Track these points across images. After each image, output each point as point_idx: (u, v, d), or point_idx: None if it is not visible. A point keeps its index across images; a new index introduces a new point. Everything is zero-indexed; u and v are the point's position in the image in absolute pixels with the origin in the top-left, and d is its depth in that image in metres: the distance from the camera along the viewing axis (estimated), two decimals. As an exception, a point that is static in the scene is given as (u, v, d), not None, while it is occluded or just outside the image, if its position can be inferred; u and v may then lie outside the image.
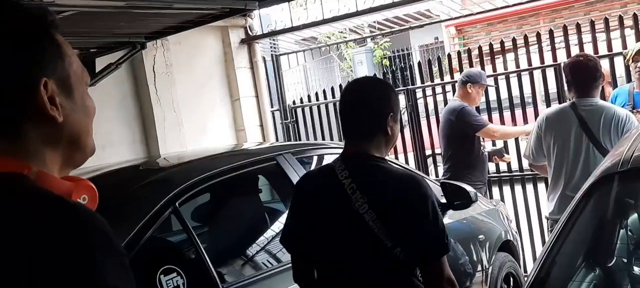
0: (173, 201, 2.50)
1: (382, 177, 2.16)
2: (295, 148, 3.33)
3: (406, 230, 2.06)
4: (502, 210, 4.59)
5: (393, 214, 2.07)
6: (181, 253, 2.65)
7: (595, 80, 3.69)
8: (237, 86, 6.00)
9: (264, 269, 2.67)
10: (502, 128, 5.13)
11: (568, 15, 10.58)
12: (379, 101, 2.20)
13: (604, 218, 2.20)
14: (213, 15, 4.43)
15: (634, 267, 2.55)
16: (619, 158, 2.04)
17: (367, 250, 2.11)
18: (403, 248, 2.06)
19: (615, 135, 3.50)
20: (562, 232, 2.00)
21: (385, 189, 2.12)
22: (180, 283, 2.36)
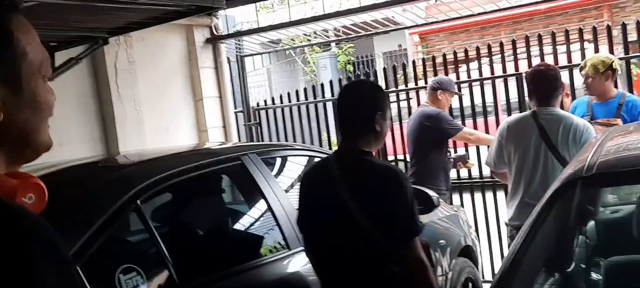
0: (134, 199, 2.43)
1: (366, 168, 2.43)
2: (260, 148, 3.29)
3: (382, 214, 2.31)
4: (462, 216, 4.63)
5: (372, 200, 2.34)
6: (141, 253, 2.58)
7: (555, 89, 3.76)
8: (201, 86, 5.92)
9: (225, 268, 2.62)
10: (476, 133, 5.19)
11: (528, 27, 10.82)
12: (368, 101, 2.48)
13: (566, 223, 2.24)
14: (179, 12, 4.35)
15: (590, 272, 2.61)
16: (583, 164, 2.08)
17: (350, 235, 2.37)
18: (381, 232, 2.30)
19: (573, 145, 3.57)
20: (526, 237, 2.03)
21: (367, 178, 2.40)
22: (139, 282, 2.30)
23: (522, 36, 5.71)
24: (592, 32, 5.39)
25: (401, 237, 2.32)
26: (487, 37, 11.51)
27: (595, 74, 4.31)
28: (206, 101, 5.93)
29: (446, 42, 12.96)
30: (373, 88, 2.82)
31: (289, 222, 2.92)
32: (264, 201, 2.94)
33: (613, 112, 4.35)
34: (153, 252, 2.46)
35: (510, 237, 4.00)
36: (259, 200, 2.99)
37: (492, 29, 12.33)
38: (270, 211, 2.92)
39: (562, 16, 11.53)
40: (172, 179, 2.68)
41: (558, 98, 3.80)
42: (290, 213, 2.99)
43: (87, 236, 2.18)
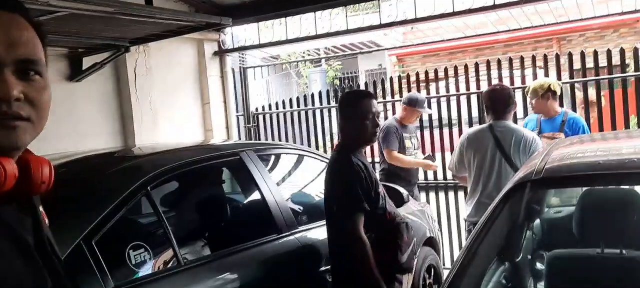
0: (145, 185, 2.39)
1: (334, 160, 2.70)
2: (256, 146, 3.25)
3: (334, 194, 2.63)
4: (428, 211, 4.62)
5: (330, 184, 2.66)
6: (150, 233, 2.53)
7: (508, 105, 3.76)
8: (208, 92, 5.87)
9: (223, 250, 2.58)
10: (400, 156, 4.89)
11: (490, 53, 10.85)
12: (355, 106, 2.71)
13: (515, 220, 2.23)
14: (191, 27, 4.31)
15: (538, 263, 2.61)
16: (533, 169, 2.07)
17: (328, 211, 2.71)
18: (335, 205, 2.62)
19: (523, 153, 3.57)
20: (481, 230, 2.01)
21: (331, 168, 2.70)
22: (146, 258, 2.25)
23: (484, 61, 5.72)
24: (543, 59, 5.42)
25: (343, 213, 2.57)
26: (453, 60, 11.54)
27: (535, 96, 4.33)
28: (212, 105, 5.88)
29: (420, 63, 12.97)
30: (361, 94, 3.10)
31: (278, 210, 2.89)
32: (258, 191, 2.90)
33: (557, 127, 4.36)
34: (160, 233, 2.42)
35: (467, 231, 4.00)
36: (254, 190, 2.96)
37: (459, 53, 12.37)
38: (263, 201, 2.88)
39: (519, 45, 11.59)
40: (179, 169, 2.64)
41: (510, 113, 3.81)
42: (281, 202, 2.96)
43: (101, 216, 2.13)
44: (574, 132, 4.28)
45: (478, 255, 2.01)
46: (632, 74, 5.08)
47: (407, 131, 4.99)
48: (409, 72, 8.61)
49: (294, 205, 3.14)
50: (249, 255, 2.63)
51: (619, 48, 5.20)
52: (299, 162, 3.68)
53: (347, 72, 14.21)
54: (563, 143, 2.84)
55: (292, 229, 2.91)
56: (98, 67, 4.67)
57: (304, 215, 3.19)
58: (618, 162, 2.08)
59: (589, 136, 3.96)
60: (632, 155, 2.24)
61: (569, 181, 2.10)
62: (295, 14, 5.50)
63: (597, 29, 11.16)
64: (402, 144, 4.91)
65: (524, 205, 2.16)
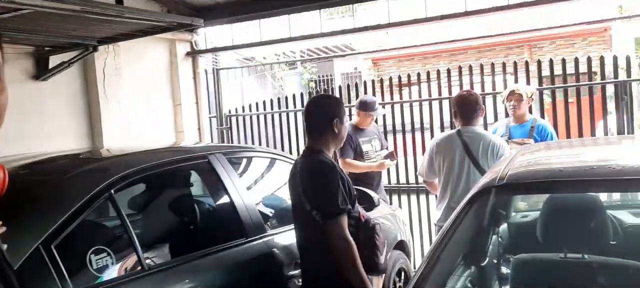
0: (108, 188, 2.34)
1: (311, 161, 2.65)
2: (225, 149, 3.22)
3: (314, 196, 2.56)
4: (399, 215, 4.64)
5: (307, 186, 2.59)
6: (113, 237, 2.48)
7: (476, 111, 3.80)
8: (180, 93, 5.80)
9: (188, 254, 2.54)
10: (352, 163, 4.80)
11: (463, 59, 10.99)
12: (326, 109, 2.73)
13: (481, 224, 2.25)
14: (162, 27, 4.25)
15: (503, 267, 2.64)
16: (496, 175, 2.09)
17: (301, 214, 2.65)
18: (315, 211, 2.53)
19: (491, 158, 3.62)
20: (446, 234, 2.03)
21: (309, 169, 2.63)
22: (109, 262, 2.21)
23: (457, 66, 5.79)
24: (513, 66, 5.51)
25: (325, 214, 2.52)
26: (427, 65, 11.66)
27: (521, 99, 4.39)
28: (184, 106, 5.81)
29: (394, 67, 13.06)
30: (331, 99, 3.15)
31: (247, 214, 2.87)
32: (227, 195, 2.87)
33: (527, 133, 4.43)
34: (123, 237, 2.36)
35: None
36: (222, 194, 2.92)
37: (433, 58, 12.49)
38: (231, 204, 2.85)
39: (492, 51, 11.76)
40: (145, 172, 2.59)
41: (478, 118, 3.84)
42: (249, 206, 2.93)
43: (62, 220, 2.08)
44: (542, 138, 4.36)
45: (443, 259, 2.03)
46: (599, 82, 5.20)
47: (364, 135, 4.94)
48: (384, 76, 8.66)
49: (263, 209, 3.12)
50: (215, 260, 2.60)
51: (587, 57, 5.32)
52: (270, 165, 3.66)
53: (323, 75, 14.23)
54: (529, 149, 2.89)
55: (261, 233, 2.89)
56: (65, 66, 4.57)
57: (273, 219, 3.17)
58: (579, 170, 2.12)
59: (555, 143, 4.03)
60: (593, 162, 2.29)
61: (531, 187, 2.13)
62: (269, 16, 5.48)
63: (567, 37, 11.40)
64: (359, 149, 4.87)
65: (489, 210, 2.19)
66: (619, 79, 5.10)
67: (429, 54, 12.29)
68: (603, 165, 2.17)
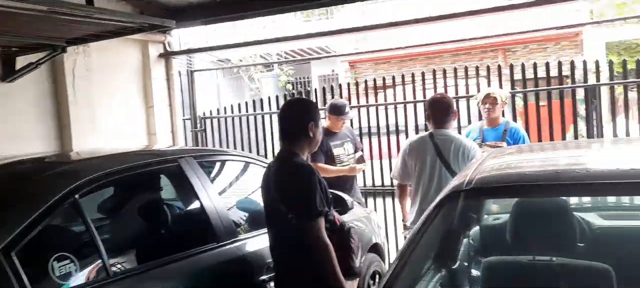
0: (73, 193, 2.29)
1: (286, 165, 2.64)
2: (197, 153, 3.18)
3: (290, 199, 2.55)
4: (373, 218, 4.65)
5: (286, 189, 2.58)
6: (77, 243, 2.42)
7: (448, 115, 3.83)
8: (153, 95, 5.72)
9: (156, 260, 2.50)
10: (322, 167, 4.72)
11: (439, 62, 11.10)
12: (301, 113, 2.73)
13: (450, 227, 2.26)
14: (133, 28, 4.18)
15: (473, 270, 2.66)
16: (464, 179, 2.10)
17: (277, 218, 2.63)
18: (292, 214, 2.52)
19: (462, 161, 3.65)
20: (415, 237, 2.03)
21: (286, 173, 2.62)
22: (72, 269, 2.15)
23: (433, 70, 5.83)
24: (486, 70, 5.58)
25: (302, 217, 2.51)
26: (404, 69, 11.75)
27: (497, 102, 4.45)
28: (157, 108, 5.74)
29: (371, 70, 13.12)
30: (306, 102, 3.20)
31: (218, 218, 2.83)
32: (197, 200, 2.83)
33: (500, 136, 4.48)
34: (88, 243, 2.31)
35: (411, 238, 4.03)
36: (193, 199, 2.88)
37: (409, 61, 12.58)
38: (202, 209, 2.81)
39: (467, 55, 11.90)
40: (112, 176, 2.55)
41: (451, 122, 3.87)
42: (221, 211, 2.90)
43: (23, 226, 2.02)
44: (515, 141, 4.41)
45: (412, 262, 2.03)
46: (569, 86, 5.30)
47: (336, 138, 4.92)
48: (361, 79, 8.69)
49: (235, 213, 3.09)
50: (184, 265, 2.56)
51: (558, 61, 5.41)
52: (243, 169, 3.62)
53: (300, 77, 14.21)
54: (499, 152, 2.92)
55: (232, 238, 2.86)
56: (33, 67, 4.47)
57: (246, 224, 3.14)
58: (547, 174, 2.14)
59: (526, 146, 4.08)
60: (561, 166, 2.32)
61: (498, 191, 2.14)
62: (244, 18, 5.44)
63: (540, 41, 11.60)
64: (330, 153, 4.85)
65: (457, 214, 2.20)
66: (589, 83, 5.20)
67: (405, 57, 12.38)
68: (570, 169, 2.20)
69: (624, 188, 2.07)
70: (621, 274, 2.16)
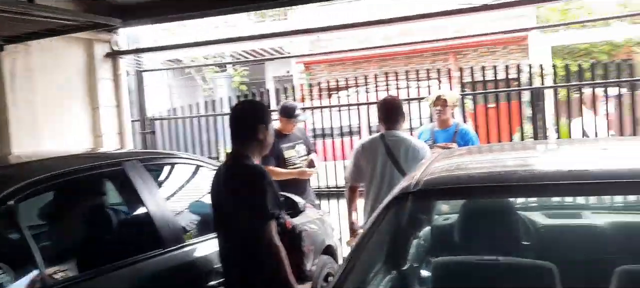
0: (8, 199, 2.16)
1: (238, 168, 2.62)
2: (143, 156, 3.08)
3: (243, 202, 2.52)
4: (327, 220, 4.65)
5: (238, 191, 2.55)
6: (12, 251, 2.29)
7: (399, 116, 3.88)
8: (99, 96, 5.52)
9: (97, 269, 2.40)
10: (275, 169, 4.72)
11: (392, 64, 11.24)
12: (251, 115, 2.71)
13: (399, 229, 2.27)
14: (76, 26, 4.02)
15: (422, 271, 2.68)
16: (412, 181, 2.11)
17: (227, 221, 2.62)
18: (243, 217, 2.51)
19: (413, 161, 3.67)
20: (363, 239, 2.03)
21: (237, 175, 2.60)
22: (6, 280, 2.03)
23: (389, 72, 5.90)
24: (437, 72, 5.69)
25: (254, 220, 2.49)
26: (358, 70, 11.83)
27: (447, 105, 4.52)
28: (103, 110, 5.54)
29: (326, 72, 13.15)
30: (257, 105, 3.17)
31: (165, 223, 2.75)
32: (142, 205, 2.74)
33: (450, 137, 4.56)
34: (25, 252, 2.19)
35: (364, 239, 4.04)
36: (137, 203, 2.79)
37: (363, 63, 12.68)
38: (147, 214, 2.73)
39: (419, 58, 12.10)
40: (50, 181, 2.44)
41: (401, 123, 3.92)
42: (168, 216, 2.82)
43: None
44: (465, 142, 4.50)
45: (360, 264, 2.02)
46: (515, 89, 5.47)
47: (287, 141, 4.89)
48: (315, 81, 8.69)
49: (183, 218, 3.01)
50: (127, 273, 2.48)
51: (505, 65, 5.57)
52: (192, 172, 3.54)
53: (254, 78, 14.09)
54: (447, 154, 2.96)
55: (179, 243, 2.78)
56: (-33, 66, 4.24)
57: (195, 228, 3.06)
58: (492, 175, 2.19)
59: (475, 147, 4.17)
60: (507, 168, 2.37)
61: (444, 193, 2.17)
62: (194, 18, 5.35)
63: (489, 45, 11.93)
64: (281, 155, 4.83)
65: (406, 215, 2.21)
66: (534, 86, 5.38)
67: (360, 59, 12.47)
68: (515, 170, 2.26)
69: (566, 189, 2.13)
70: (564, 272, 2.23)
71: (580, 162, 2.28)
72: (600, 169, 2.07)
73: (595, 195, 2.76)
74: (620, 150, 2.69)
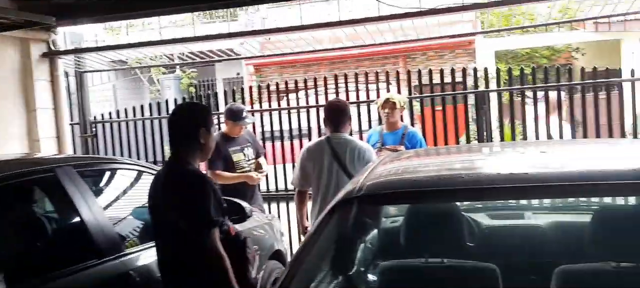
0: None
1: (177, 173, 2.52)
2: (77, 161, 2.92)
3: (183, 209, 2.42)
4: (275, 224, 4.58)
5: (175, 198, 2.46)
6: None
7: (344, 119, 3.88)
8: (35, 98, 5.24)
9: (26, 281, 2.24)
10: (222, 173, 4.65)
11: (343, 67, 11.27)
12: (191, 119, 2.61)
13: (343, 234, 2.24)
14: (6, 24, 3.79)
15: (368, 275, 2.67)
16: (355, 185, 2.08)
17: (167, 230, 2.51)
18: (184, 225, 2.41)
19: (359, 164, 3.69)
20: (307, 244, 1.98)
21: (175, 180, 2.51)
22: None
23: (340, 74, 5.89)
24: (385, 75, 5.72)
25: (196, 227, 2.40)
26: (310, 72, 11.82)
27: (395, 107, 4.54)
28: (40, 112, 5.27)
29: (277, 74, 13.07)
30: (198, 107, 3.04)
31: (101, 232, 2.61)
32: (75, 213, 2.59)
33: (399, 140, 4.60)
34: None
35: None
36: (70, 212, 2.64)
37: (314, 66, 12.69)
38: (81, 223, 2.58)
39: (370, 60, 12.22)
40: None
41: (347, 125, 3.92)
42: (104, 224, 2.68)
43: None
44: (413, 145, 4.54)
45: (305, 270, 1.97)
46: (460, 92, 5.57)
47: (235, 144, 4.79)
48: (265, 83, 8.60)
49: (121, 226, 2.87)
50: (59, 284, 2.32)
51: (450, 68, 5.66)
52: (132, 178, 3.39)
53: (204, 79, 13.84)
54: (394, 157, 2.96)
55: (116, 252, 2.65)
56: None
57: (133, 237, 2.93)
58: (435, 179, 2.18)
59: (421, 150, 4.21)
60: (451, 171, 2.38)
61: (387, 198, 2.15)
62: (137, 17, 5.17)
63: (437, 48, 12.18)
64: (229, 159, 4.73)
65: (350, 220, 2.18)
66: (479, 90, 5.49)
67: (310, 61, 12.46)
68: (459, 174, 2.26)
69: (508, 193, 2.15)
70: (506, 272, 2.26)
71: (520, 166, 2.31)
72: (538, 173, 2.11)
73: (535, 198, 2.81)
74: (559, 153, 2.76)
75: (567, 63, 12.10)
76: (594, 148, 2.94)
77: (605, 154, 2.61)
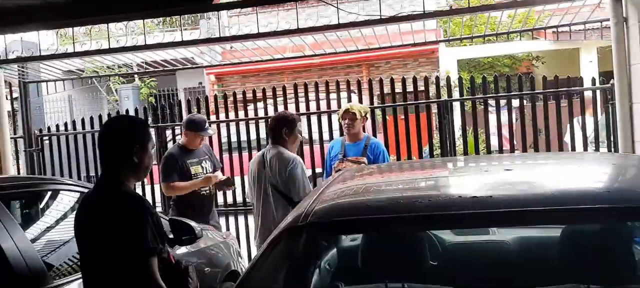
0: None
1: (108, 196, 2.23)
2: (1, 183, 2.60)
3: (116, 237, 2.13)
4: (232, 243, 4.33)
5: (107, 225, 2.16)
6: None
7: (282, 131, 3.89)
8: (-29, 110, 4.84)
9: None
10: (176, 185, 4.45)
11: (306, 76, 11.07)
12: (123, 135, 2.29)
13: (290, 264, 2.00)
14: None
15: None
16: (301, 212, 1.84)
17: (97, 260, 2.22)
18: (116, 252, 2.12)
19: (285, 175, 3.74)
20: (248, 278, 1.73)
21: (107, 205, 2.20)
22: None
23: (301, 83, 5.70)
24: (346, 84, 5.56)
25: (132, 257, 2.13)
26: (272, 82, 11.57)
27: (356, 118, 4.38)
28: (-24, 126, 4.86)
29: (239, 83, 12.77)
30: (132, 120, 2.74)
31: (23, 262, 2.31)
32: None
33: (361, 151, 4.43)
34: None
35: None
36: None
37: (277, 75, 12.47)
38: (0, 252, 2.26)
39: (333, 69, 12.08)
40: None
41: (286, 138, 3.89)
42: (27, 253, 2.37)
43: None
44: (375, 156, 4.37)
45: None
46: (423, 102, 5.42)
47: (193, 157, 4.57)
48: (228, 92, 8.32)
49: (49, 255, 2.56)
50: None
51: (412, 77, 5.51)
52: (71, 201, 3.06)
53: (164, 89, 13.40)
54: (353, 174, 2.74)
55: (42, 284, 2.34)
56: None
57: (63, 266, 2.62)
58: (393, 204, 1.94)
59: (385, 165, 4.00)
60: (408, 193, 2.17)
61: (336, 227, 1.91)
62: (84, 25, 4.83)
63: (401, 57, 12.12)
64: (187, 171, 4.50)
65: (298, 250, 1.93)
66: (442, 99, 5.35)
67: (273, 70, 12.22)
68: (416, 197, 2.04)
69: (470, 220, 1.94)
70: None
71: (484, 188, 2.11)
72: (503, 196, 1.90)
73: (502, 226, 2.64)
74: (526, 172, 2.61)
75: (528, 71, 12.21)
76: (560, 165, 2.81)
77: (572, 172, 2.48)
